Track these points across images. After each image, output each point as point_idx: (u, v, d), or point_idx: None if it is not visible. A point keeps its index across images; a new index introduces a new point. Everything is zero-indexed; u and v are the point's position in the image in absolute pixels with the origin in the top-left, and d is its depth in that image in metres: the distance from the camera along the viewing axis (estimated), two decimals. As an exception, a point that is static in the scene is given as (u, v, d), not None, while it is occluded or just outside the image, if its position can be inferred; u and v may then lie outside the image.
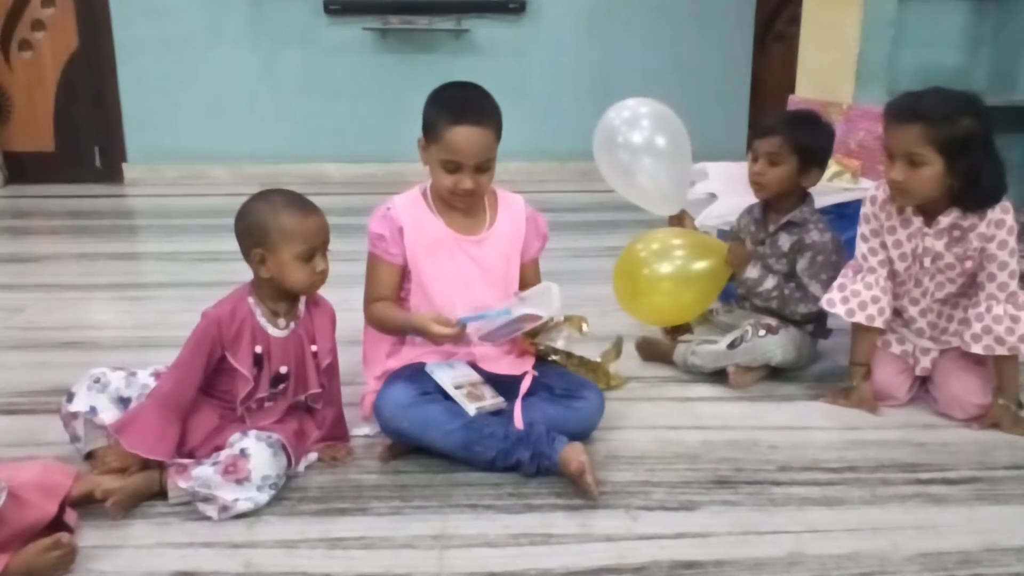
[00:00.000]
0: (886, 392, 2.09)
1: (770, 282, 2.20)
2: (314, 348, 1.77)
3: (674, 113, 2.40)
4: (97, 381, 1.77)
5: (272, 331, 1.73)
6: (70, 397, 1.76)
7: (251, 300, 1.73)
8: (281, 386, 1.75)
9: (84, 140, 5.04)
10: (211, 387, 1.74)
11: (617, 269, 2.38)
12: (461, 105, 1.82)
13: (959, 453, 1.87)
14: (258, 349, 1.71)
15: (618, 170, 2.39)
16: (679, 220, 2.42)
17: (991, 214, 1.89)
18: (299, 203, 1.71)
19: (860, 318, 2.05)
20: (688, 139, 2.39)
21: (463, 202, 1.89)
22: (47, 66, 4.94)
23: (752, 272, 2.21)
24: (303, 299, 1.78)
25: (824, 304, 2.11)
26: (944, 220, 1.93)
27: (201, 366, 1.69)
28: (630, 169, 2.35)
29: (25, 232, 4.16)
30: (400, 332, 1.92)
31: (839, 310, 2.07)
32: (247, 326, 1.70)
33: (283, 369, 1.74)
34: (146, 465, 1.67)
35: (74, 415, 1.74)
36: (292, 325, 1.76)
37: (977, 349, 1.95)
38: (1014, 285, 1.93)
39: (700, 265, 2.27)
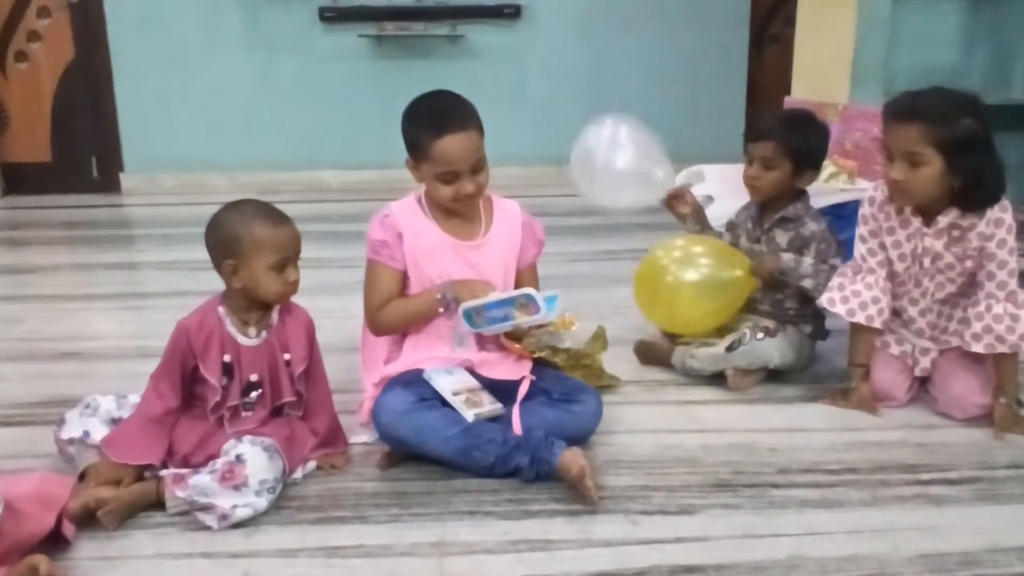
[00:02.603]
0: (885, 393, 2.09)
1: (807, 260, 2.16)
2: (287, 356, 1.77)
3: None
4: (88, 406, 1.79)
5: (242, 340, 1.73)
6: (61, 423, 1.78)
7: (221, 310, 1.74)
8: (253, 394, 1.75)
9: (81, 150, 5.05)
10: (194, 396, 1.75)
11: (639, 275, 2.33)
12: (439, 116, 1.82)
13: (959, 453, 1.87)
14: (227, 358, 1.71)
15: (599, 179, 2.32)
16: (680, 198, 2.35)
17: (990, 213, 1.89)
18: (271, 214, 1.72)
19: (860, 318, 2.04)
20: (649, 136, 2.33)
21: (467, 205, 1.90)
22: (43, 77, 4.94)
23: (788, 261, 2.17)
24: (276, 307, 1.78)
25: (824, 303, 2.11)
26: (943, 220, 1.93)
27: (176, 375, 1.70)
28: (606, 171, 2.28)
29: (23, 243, 4.16)
30: (425, 314, 1.89)
31: (839, 310, 2.07)
32: (216, 335, 1.71)
33: (254, 377, 1.74)
34: (140, 476, 1.67)
35: (68, 441, 1.75)
36: (264, 334, 1.75)
37: (978, 348, 1.95)
38: (1013, 284, 1.93)
39: (726, 275, 2.20)
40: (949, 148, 1.81)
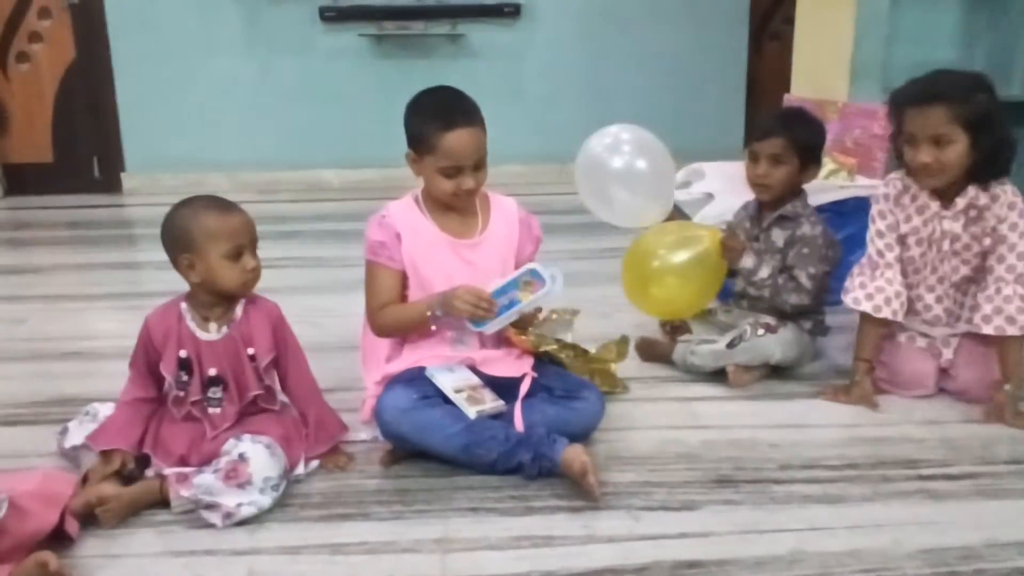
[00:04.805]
0: (915, 382, 2.10)
1: (765, 271, 2.21)
2: (251, 351, 1.76)
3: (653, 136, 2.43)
4: (87, 414, 1.83)
5: (201, 335, 1.74)
6: (64, 432, 1.82)
7: (183, 305, 1.76)
8: (215, 389, 1.75)
9: (82, 150, 5.05)
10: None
11: (625, 263, 2.38)
12: (447, 110, 1.82)
13: (959, 449, 1.88)
14: (183, 353, 1.72)
15: (603, 201, 2.41)
16: None
17: (1004, 197, 1.94)
18: (219, 204, 1.73)
19: (887, 313, 2.06)
20: (669, 160, 2.40)
21: (465, 202, 1.90)
22: (45, 78, 4.95)
23: (747, 261, 2.21)
24: (242, 302, 1.78)
25: (849, 302, 2.11)
26: (960, 202, 1.97)
27: (143, 368, 1.75)
28: (615, 201, 2.38)
29: (25, 243, 4.17)
30: (420, 321, 1.87)
31: (866, 307, 2.07)
32: (174, 331, 1.73)
33: (212, 372, 1.74)
34: (138, 475, 1.69)
35: (72, 448, 1.78)
36: (225, 329, 1.75)
37: (988, 330, 1.97)
38: (1022, 267, 1.96)
39: (698, 251, 2.26)
40: (973, 125, 1.87)
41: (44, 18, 4.88)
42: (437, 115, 1.82)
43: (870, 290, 2.08)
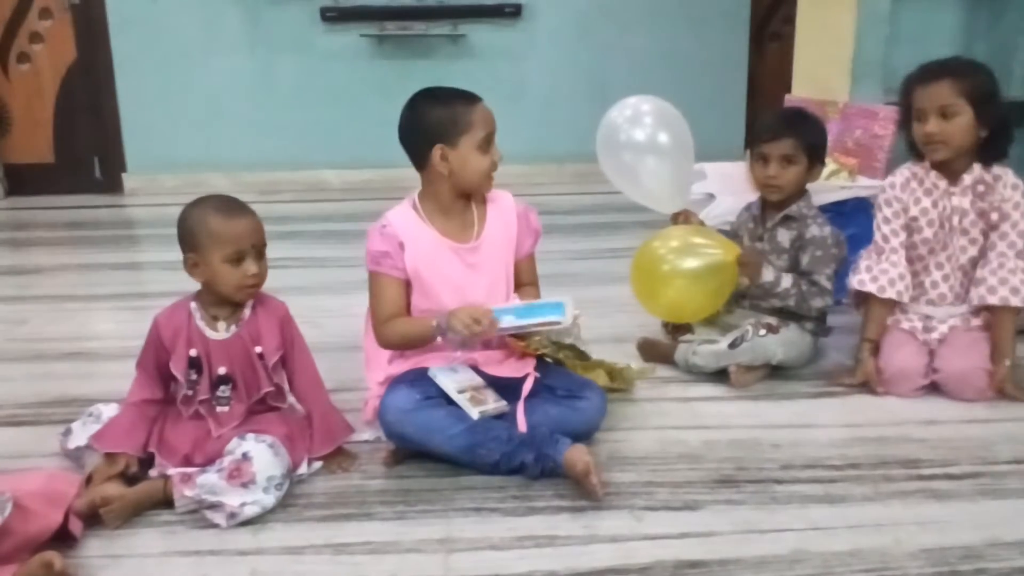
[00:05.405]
0: (902, 372, 2.11)
1: (787, 281, 2.20)
2: (259, 349, 1.76)
3: (676, 110, 2.39)
4: (90, 415, 1.84)
5: (210, 334, 1.75)
6: (67, 434, 1.82)
7: (193, 304, 1.77)
8: (224, 388, 1.76)
9: (83, 151, 5.05)
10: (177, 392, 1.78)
11: (634, 265, 2.35)
12: (459, 91, 1.88)
13: (960, 448, 1.88)
14: (193, 352, 1.73)
15: (621, 170, 2.38)
16: (684, 218, 2.40)
17: (1006, 177, 2.07)
18: (228, 206, 1.73)
19: (891, 293, 2.14)
20: (690, 135, 2.38)
21: (491, 182, 1.94)
22: (46, 78, 4.95)
23: (768, 276, 2.19)
24: (250, 301, 1.78)
25: (855, 285, 2.18)
26: (967, 178, 2.08)
27: (152, 368, 1.75)
28: (634, 169, 2.35)
29: (26, 244, 4.17)
30: (427, 337, 1.86)
31: (871, 288, 2.15)
32: (183, 330, 1.74)
33: (222, 371, 1.75)
34: (141, 474, 1.69)
35: (75, 450, 1.79)
36: (234, 328, 1.76)
37: (993, 300, 2.06)
38: (1022, 244, 2.08)
39: (712, 260, 2.21)
40: (977, 98, 1.99)
41: (45, 18, 4.88)
42: (455, 97, 1.86)
43: (875, 272, 2.16)
